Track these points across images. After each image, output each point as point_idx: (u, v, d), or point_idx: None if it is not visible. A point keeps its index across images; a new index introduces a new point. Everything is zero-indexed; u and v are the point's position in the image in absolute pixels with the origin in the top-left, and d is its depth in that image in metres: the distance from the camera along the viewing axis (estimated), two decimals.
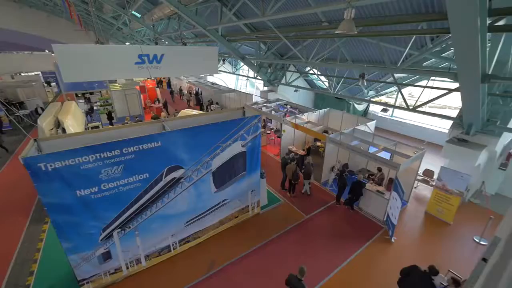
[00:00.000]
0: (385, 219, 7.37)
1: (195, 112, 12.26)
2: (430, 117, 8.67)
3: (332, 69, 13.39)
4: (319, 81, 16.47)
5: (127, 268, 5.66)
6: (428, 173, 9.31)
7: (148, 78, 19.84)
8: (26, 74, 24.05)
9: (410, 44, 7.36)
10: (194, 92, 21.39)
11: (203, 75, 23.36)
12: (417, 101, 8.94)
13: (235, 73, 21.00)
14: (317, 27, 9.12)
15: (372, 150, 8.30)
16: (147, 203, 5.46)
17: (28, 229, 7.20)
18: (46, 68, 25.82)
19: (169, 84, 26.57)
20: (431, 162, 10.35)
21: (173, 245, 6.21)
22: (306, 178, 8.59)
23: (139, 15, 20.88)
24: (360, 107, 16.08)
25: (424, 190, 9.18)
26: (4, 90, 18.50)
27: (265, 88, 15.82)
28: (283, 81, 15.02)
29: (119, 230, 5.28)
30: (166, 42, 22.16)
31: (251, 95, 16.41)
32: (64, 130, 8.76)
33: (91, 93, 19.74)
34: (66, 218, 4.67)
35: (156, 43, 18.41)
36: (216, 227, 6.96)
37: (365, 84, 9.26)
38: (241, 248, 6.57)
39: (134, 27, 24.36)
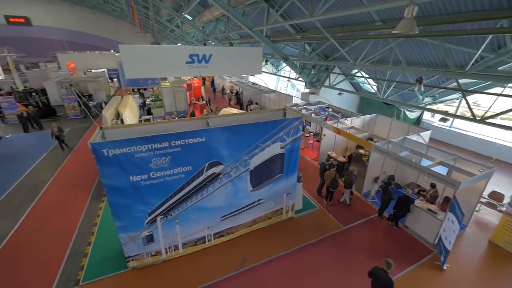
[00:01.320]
0: (436, 242, 6.53)
1: (235, 111, 12.60)
2: (503, 130, 7.39)
3: (383, 72, 12.41)
4: (367, 85, 15.44)
5: (166, 252, 6.08)
6: (496, 196, 7.96)
7: (195, 77, 21.10)
8: (95, 70, 27.70)
9: (484, 45, 6.37)
10: (236, 91, 22.03)
11: (245, 75, 23.92)
12: (487, 111, 7.70)
13: (276, 74, 20.99)
14: (369, 27, 8.54)
15: (425, 163, 7.43)
16: (188, 194, 5.79)
17: (89, 205, 8.28)
18: (111, 66, 29.43)
19: (212, 83, 27.86)
20: (500, 184, 8.84)
21: (208, 237, 6.47)
22: (347, 187, 8.11)
23: (190, 18, 22.36)
24: (413, 115, 14.58)
25: (489, 215, 7.88)
26: (78, 84, 21.61)
27: (306, 90, 15.45)
28: (326, 83, 14.47)
29: (162, 216, 5.70)
30: (213, 43, 23.28)
31: (291, 96, 16.20)
32: (122, 121, 9.87)
33: (144, 89, 21.83)
34: (120, 200, 5.21)
35: (205, 44, 19.44)
36: (249, 226, 7.04)
37: (422, 89, 8.32)
38: (273, 250, 6.51)
39: (185, 29, 26.19)
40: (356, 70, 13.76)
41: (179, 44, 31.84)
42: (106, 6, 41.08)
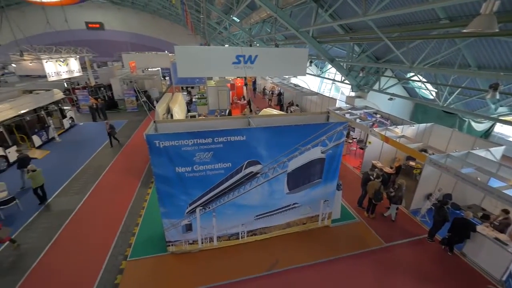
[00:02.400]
0: (504, 278, 5.52)
1: (275, 111, 12.61)
2: None
3: (445, 77, 11.00)
4: (424, 90, 13.88)
5: (202, 243, 6.40)
6: None
7: (238, 77, 21.77)
8: (151, 69, 30.71)
9: None
10: (277, 92, 22.03)
11: (287, 76, 23.76)
12: None
13: (320, 76, 20.33)
14: (432, 26, 7.65)
15: (494, 184, 6.34)
16: (226, 189, 6.00)
17: (139, 189, 9.22)
18: (164, 65, 32.24)
19: (254, 83, 28.36)
20: None
21: (241, 234, 6.61)
22: (394, 202, 7.41)
23: (238, 20, 23.14)
24: (481, 127, 12.55)
25: None
26: (136, 81, 24.25)
27: (352, 94, 14.60)
28: (376, 87, 13.44)
29: (201, 208, 6.02)
30: (258, 44, 23.68)
31: (335, 99, 15.50)
32: (171, 116, 10.75)
33: (192, 87, 23.36)
34: (166, 188, 5.67)
35: (250, 45, 19.87)
36: (282, 228, 6.96)
37: (497, 97, 7.10)
38: (306, 257, 6.33)
39: (232, 30, 27.19)
40: (412, 74, 12.48)
41: (226, 46, 33.23)
42: (164, 11, 45.16)
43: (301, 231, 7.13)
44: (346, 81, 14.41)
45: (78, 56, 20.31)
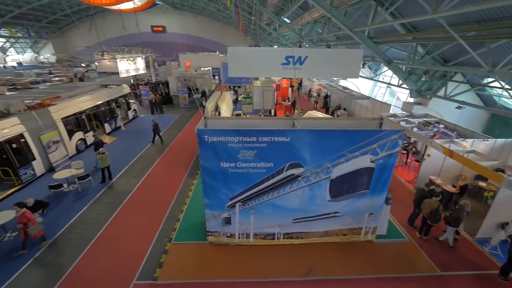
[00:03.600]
0: None
1: (320, 114, 12.19)
2: None
3: None
4: (505, 99, 11.67)
5: (239, 237, 6.60)
6: None
7: (284, 78, 21.71)
8: (203, 69, 32.85)
9: None
10: (323, 94, 21.26)
11: (336, 78, 22.73)
12: None
13: (374, 79, 18.86)
14: None
15: None
16: (266, 189, 6.05)
17: (185, 179, 9.98)
18: (215, 65, 34.16)
19: (300, 84, 27.89)
20: None
21: (277, 235, 6.60)
22: (452, 225, 6.45)
23: (288, 21, 23.04)
24: None
25: None
26: (189, 79, 26.26)
27: (411, 100, 13.15)
28: (441, 93, 11.84)
29: (241, 204, 6.21)
30: (307, 45, 23.20)
31: (389, 105, 14.19)
32: (219, 113, 11.35)
33: (238, 87, 24.18)
34: (210, 181, 6.01)
35: (300, 46, 19.62)
36: (320, 236, 6.70)
37: None
38: (343, 270, 5.98)
39: (281, 31, 27.20)
40: (491, 79, 10.62)
41: (275, 46, 33.44)
42: (218, 14, 47.79)
43: (340, 242, 6.75)
44: (404, 86, 13.05)
45: (144, 56, 22.99)
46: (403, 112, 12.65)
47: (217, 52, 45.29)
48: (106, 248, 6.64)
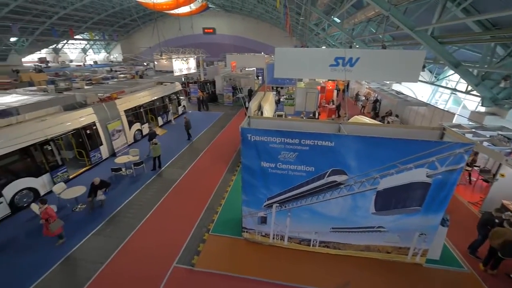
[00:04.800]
0: None
1: (367, 120, 11.37)
2: None
3: None
4: None
5: (273, 238, 6.61)
6: None
7: (329, 80, 20.88)
8: (247, 69, 33.70)
9: None
10: (373, 99, 19.79)
11: (388, 82, 20.94)
12: None
13: (435, 83, 16.77)
14: None
15: None
16: (304, 193, 5.92)
17: (225, 175, 10.41)
18: (259, 66, 34.75)
19: (346, 87, 26.46)
20: None
21: (313, 241, 6.40)
22: None
23: (338, 20, 22.04)
24: None
25: None
26: (234, 79, 27.23)
27: (482, 109, 11.32)
28: None
29: (278, 205, 6.20)
30: (357, 46, 21.88)
31: (453, 114, 12.46)
32: (261, 113, 11.50)
33: (281, 88, 24.14)
34: (250, 179, 6.14)
35: (350, 47, 18.66)
36: (359, 250, 6.27)
37: None
38: None
39: (330, 32, 26.18)
40: None
41: (323, 47, 32.45)
42: (266, 15, 48.42)
43: (383, 260, 6.21)
44: (474, 92, 11.30)
45: (195, 56, 24.67)
46: (471, 123, 10.97)
47: (262, 53, 45.96)
48: (152, 230, 7.36)
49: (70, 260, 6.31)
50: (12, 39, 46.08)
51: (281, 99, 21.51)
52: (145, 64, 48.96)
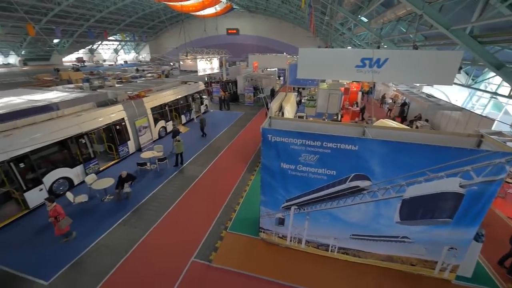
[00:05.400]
0: None
1: (394, 124, 10.82)
2: None
3: None
4: None
5: (290, 240, 6.54)
6: None
7: (353, 81, 20.19)
8: (269, 69, 33.69)
9: None
10: (400, 102, 18.80)
11: (418, 84, 19.76)
12: None
13: (471, 86, 15.52)
14: None
15: None
16: (325, 197, 5.78)
17: (244, 174, 10.51)
18: (281, 66, 34.60)
19: (372, 89, 25.40)
20: None
21: (332, 247, 6.24)
22: None
23: (366, 20, 21.23)
24: None
25: None
26: (255, 79, 27.35)
27: None
28: None
29: (296, 207, 6.12)
30: (385, 46, 20.93)
31: (492, 120, 11.44)
32: (282, 114, 11.44)
33: (303, 88, 23.80)
34: (269, 179, 6.12)
35: (378, 47, 17.93)
36: (381, 259, 6.00)
37: None
38: None
39: (356, 32, 25.32)
40: None
41: (348, 47, 31.52)
42: (290, 15, 47.99)
43: (406, 272, 5.88)
44: None
45: (219, 57, 25.17)
46: None
47: (284, 53, 45.70)
48: (173, 223, 7.65)
49: (99, 246, 6.76)
50: (55, 41, 50.42)
51: (302, 100, 21.21)
52: (171, 64, 50.97)
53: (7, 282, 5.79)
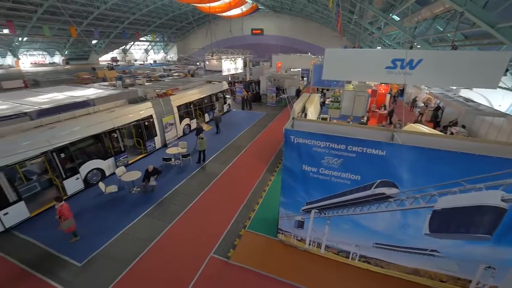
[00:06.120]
0: None
1: (425, 129, 10.13)
2: None
3: None
4: None
5: (309, 244, 6.43)
6: None
7: (382, 83, 19.26)
8: (293, 70, 33.35)
9: None
10: (434, 106, 17.57)
11: (454, 87, 18.34)
12: None
13: None
14: None
15: None
16: (347, 202, 5.60)
17: (264, 174, 10.53)
18: (305, 66, 34.07)
19: (402, 91, 24.08)
20: None
21: (352, 254, 6.02)
22: None
23: (398, 18, 20.15)
24: None
25: None
26: (278, 79, 27.24)
27: None
28: None
29: (317, 211, 6.00)
30: (419, 46, 19.71)
31: None
32: (305, 115, 11.27)
33: (327, 89, 23.22)
34: (290, 181, 6.07)
35: (411, 47, 16.97)
36: (405, 272, 5.67)
37: None
38: None
39: (386, 31, 24.14)
40: None
41: (378, 48, 30.20)
42: (316, 15, 47.07)
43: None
44: None
45: (243, 57, 25.46)
46: None
47: (309, 54, 44.92)
48: (194, 218, 7.91)
49: (126, 235, 7.20)
50: (93, 42, 54.57)
51: (326, 102, 20.70)
52: (197, 64, 52.64)
53: (46, 259, 6.40)
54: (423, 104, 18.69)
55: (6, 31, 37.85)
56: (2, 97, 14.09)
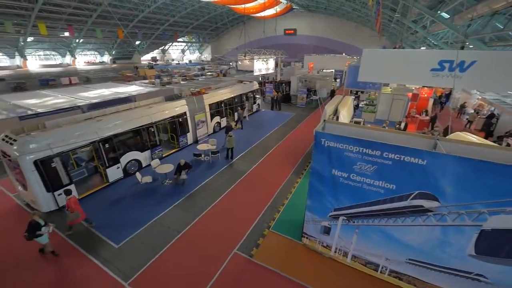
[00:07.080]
0: None
1: (474, 138, 9.06)
2: None
3: None
4: None
5: (335, 252, 6.21)
6: None
7: (424, 87, 17.73)
8: (325, 70, 32.36)
9: None
10: (486, 113, 15.68)
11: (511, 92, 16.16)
12: None
13: None
14: None
15: None
16: (379, 212, 5.29)
17: (290, 176, 10.42)
18: (338, 67, 32.82)
19: (447, 96, 21.91)
20: None
21: (382, 268, 5.68)
22: None
23: (447, 16, 18.38)
24: None
25: None
26: (310, 80, 26.65)
27: None
28: None
29: (345, 218, 5.77)
30: (471, 46, 17.77)
31: None
32: (337, 118, 10.87)
33: (361, 92, 22.09)
34: (318, 185, 5.91)
35: (462, 48, 15.42)
36: None
37: None
38: None
39: (432, 30, 22.19)
40: None
41: (422, 48, 27.97)
42: (353, 13, 45.04)
43: None
44: None
45: (275, 57, 25.44)
46: None
47: (343, 54, 43.18)
48: (220, 213, 8.15)
49: (157, 223, 7.70)
50: (137, 42, 59.22)
51: (360, 105, 19.71)
52: (230, 64, 53.97)
53: (88, 237, 7.14)
54: (473, 111, 16.77)
55: (66, 33, 43.10)
56: (61, 92, 16.03)
